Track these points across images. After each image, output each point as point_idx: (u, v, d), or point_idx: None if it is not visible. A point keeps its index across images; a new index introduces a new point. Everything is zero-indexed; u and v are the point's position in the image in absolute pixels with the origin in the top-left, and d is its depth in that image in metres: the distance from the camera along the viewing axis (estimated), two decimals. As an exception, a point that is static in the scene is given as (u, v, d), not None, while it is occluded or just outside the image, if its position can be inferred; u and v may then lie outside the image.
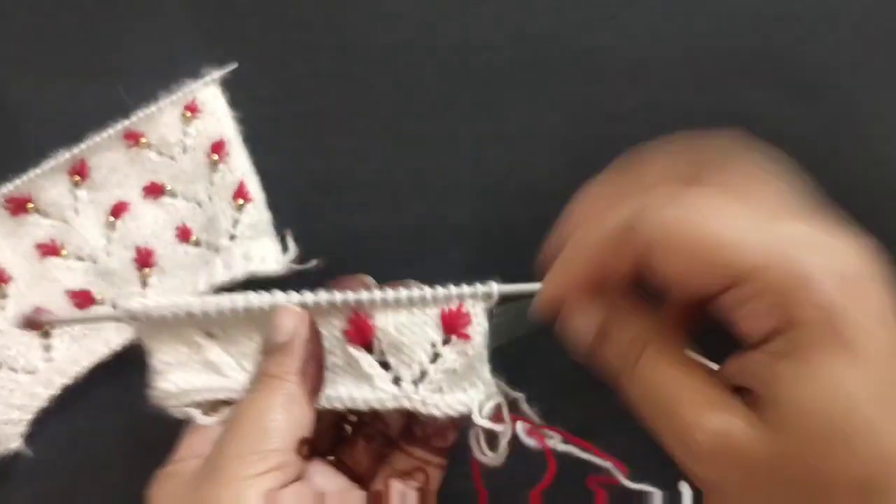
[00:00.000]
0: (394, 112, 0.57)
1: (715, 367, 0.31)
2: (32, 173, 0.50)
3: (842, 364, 0.26)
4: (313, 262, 0.50)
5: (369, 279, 0.43)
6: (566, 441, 0.35)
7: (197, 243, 0.52)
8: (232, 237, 0.51)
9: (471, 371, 0.34)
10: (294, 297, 0.36)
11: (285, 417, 0.36)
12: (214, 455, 0.36)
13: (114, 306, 0.39)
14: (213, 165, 0.52)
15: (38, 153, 0.50)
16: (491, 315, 0.35)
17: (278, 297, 0.36)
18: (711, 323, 0.30)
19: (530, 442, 0.35)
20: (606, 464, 0.35)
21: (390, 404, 0.35)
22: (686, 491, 0.33)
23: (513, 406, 0.36)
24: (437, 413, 0.34)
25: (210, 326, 0.37)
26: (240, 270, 0.50)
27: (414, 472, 0.41)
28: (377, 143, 0.56)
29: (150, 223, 0.52)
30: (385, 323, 0.35)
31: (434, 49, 0.59)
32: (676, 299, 0.31)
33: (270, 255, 0.50)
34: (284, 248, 0.51)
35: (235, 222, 0.51)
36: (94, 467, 0.48)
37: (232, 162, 0.52)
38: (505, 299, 0.35)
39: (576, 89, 0.58)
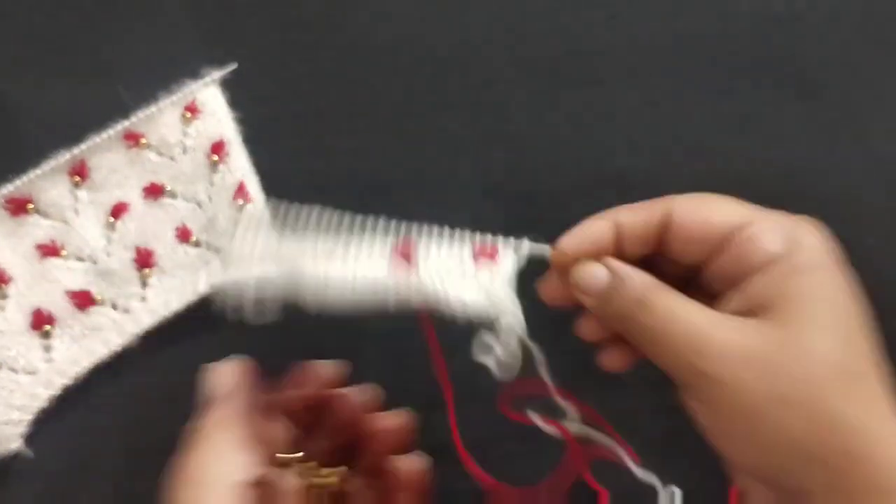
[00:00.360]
0: (394, 112, 0.57)
1: None
2: (32, 174, 0.50)
3: (839, 282, 0.34)
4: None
5: (341, 365, 0.46)
6: (585, 423, 0.38)
7: (197, 244, 0.52)
8: (232, 238, 0.51)
9: (496, 292, 0.36)
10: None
11: (225, 463, 0.39)
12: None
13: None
14: (213, 166, 0.52)
15: (37, 154, 0.50)
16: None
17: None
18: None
19: (547, 427, 0.39)
20: (617, 447, 0.39)
21: (417, 293, 0.37)
22: (677, 491, 0.38)
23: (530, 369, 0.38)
24: (454, 307, 0.36)
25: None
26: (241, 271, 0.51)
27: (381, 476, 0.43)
28: (377, 143, 0.56)
29: (151, 224, 0.52)
30: (427, 250, 0.38)
31: (434, 49, 0.59)
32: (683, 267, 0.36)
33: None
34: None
35: (236, 223, 0.51)
36: (95, 468, 0.48)
37: (232, 163, 0.52)
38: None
39: (575, 89, 0.58)
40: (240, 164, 0.52)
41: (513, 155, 0.56)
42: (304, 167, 0.55)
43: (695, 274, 0.36)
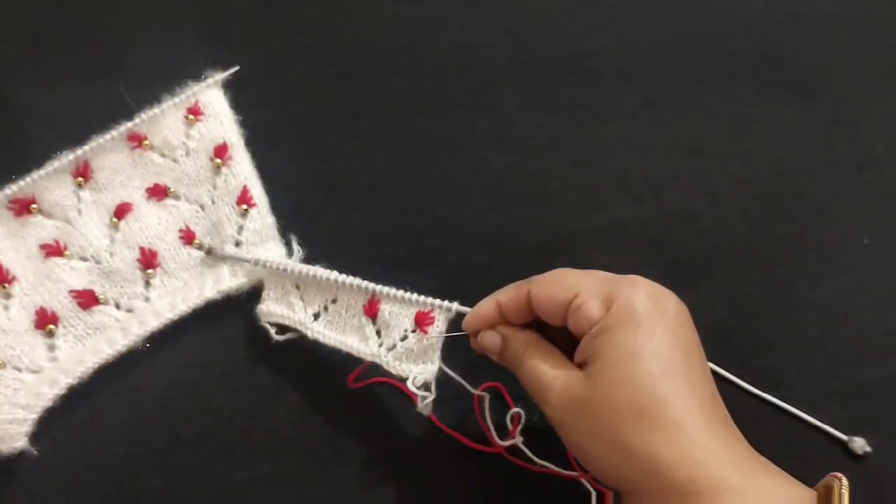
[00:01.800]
0: (394, 113, 0.57)
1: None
2: (36, 174, 0.50)
3: (633, 335, 0.40)
4: (317, 266, 0.50)
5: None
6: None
7: (200, 246, 0.52)
8: (238, 243, 0.52)
9: (424, 355, 0.48)
10: (335, 275, 0.49)
11: None
12: None
13: (255, 263, 0.51)
14: (217, 169, 0.52)
15: (41, 155, 0.51)
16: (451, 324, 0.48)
17: (339, 276, 0.49)
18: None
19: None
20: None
21: (370, 358, 0.49)
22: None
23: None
24: (392, 370, 0.48)
25: (299, 280, 0.51)
26: (246, 276, 0.51)
27: None
28: (378, 143, 0.56)
29: (154, 224, 0.52)
30: (385, 308, 0.49)
31: (434, 49, 0.59)
32: (549, 323, 0.45)
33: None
34: (290, 252, 0.52)
35: (240, 228, 0.52)
36: (98, 466, 0.49)
37: (235, 166, 0.52)
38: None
39: (575, 90, 0.58)
40: (243, 168, 0.52)
41: (513, 155, 0.57)
42: (306, 168, 0.55)
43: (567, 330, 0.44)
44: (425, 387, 0.48)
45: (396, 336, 0.49)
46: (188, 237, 0.52)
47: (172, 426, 0.49)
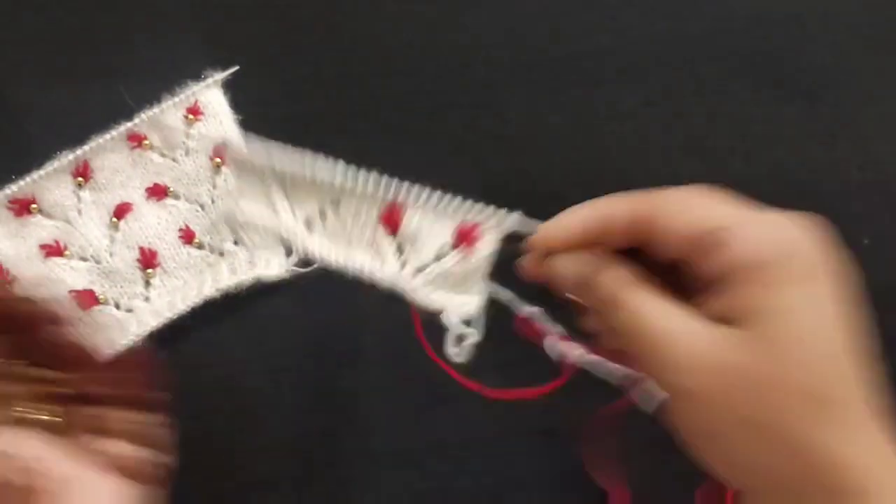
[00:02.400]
0: (394, 112, 0.57)
1: None
2: (36, 175, 0.50)
3: (817, 296, 0.31)
4: (315, 265, 0.50)
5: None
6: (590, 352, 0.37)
7: (200, 246, 0.52)
8: (236, 242, 0.52)
9: (466, 280, 0.37)
10: (349, 171, 0.40)
11: None
12: None
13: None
14: (217, 169, 0.52)
15: (41, 155, 0.51)
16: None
17: (340, 168, 0.40)
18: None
19: (553, 352, 0.37)
20: (630, 372, 0.37)
21: (388, 282, 0.38)
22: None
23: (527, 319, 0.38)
24: (421, 302, 0.37)
25: (288, 180, 0.41)
26: (245, 275, 0.51)
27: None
28: (377, 143, 0.56)
29: (154, 224, 0.52)
30: (412, 218, 0.38)
31: (434, 49, 0.59)
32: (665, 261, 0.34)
33: (275, 260, 0.51)
34: (288, 252, 0.52)
35: (238, 227, 0.52)
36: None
37: (234, 166, 0.53)
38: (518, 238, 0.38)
39: (575, 90, 0.58)
40: (243, 167, 0.53)
41: (513, 155, 0.57)
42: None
43: (679, 270, 0.34)
44: (465, 324, 0.37)
45: (428, 254, 0.38)
46: (188, 236, 0.52)
47: (172, 426, 0.49)
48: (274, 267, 0.51)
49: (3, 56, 0.56)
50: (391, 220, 0.38)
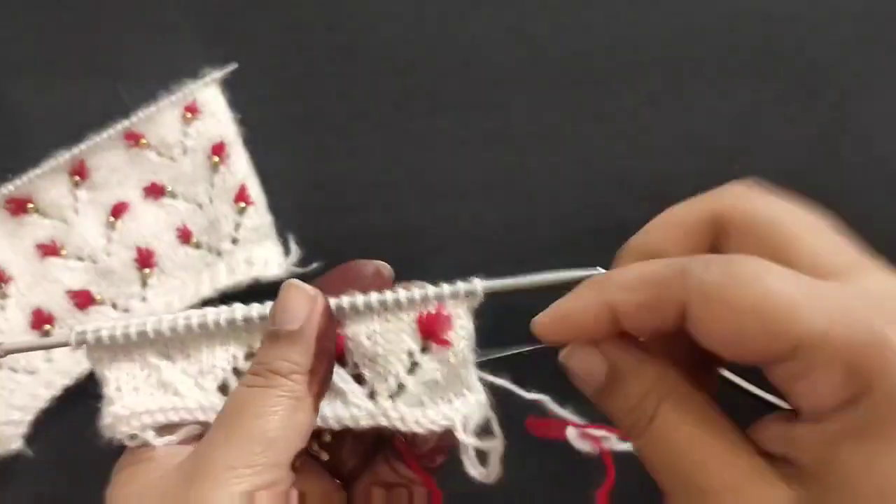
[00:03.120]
0: (394, 112, 0.57)
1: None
2: (32, 174, 0.50)
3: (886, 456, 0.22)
4: (314, 265, 0.50)
5: (386, 268, 0.39)
6: (623, 439, 0.30)
7: (198, 245, 0.52)
8: (234, 241, 0.51)
9: (455, 380, 0.30)
10: (245, 309, 0.33)
11: (286, 426, 0.31)
12: (201, 458, 0.31)
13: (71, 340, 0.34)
14: (214, 167, 0.52)
15: (38, 154, 0.50)
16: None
17: (230, 310, 0.33)
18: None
19: (583, 446, 0.31)
20: None
21: (365, 422, 0.32)
22: None
23: (533, 408, 0.33)
24: (418, 430, 0.31)
25: (166, 346, 0.34)
26: (243, 275, 0.51)
27: (397, 487, 0.38)
28: (377, 143, 0.56)
29: (151, 223, 0.52)
30: (356, 332, 0.32)
31: (434, 49, 0.59)
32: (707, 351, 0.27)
33: (273, 259, 0.51)
34: (286, 251, 0.51)
35: (237, 226, 0.51)
36: (94, 468, 0.48)
37: (233, 164, 0.52)
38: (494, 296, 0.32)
39: (576, 89, 0.58)
40: (240, 167, 0.52)
41: (513, 155, 0.56)
42: (305, 167, 0.55)
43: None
44: (479, 434, 0.31)
45: (396, 370, 0.32)
46: (185, 236, 0.52)
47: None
48: (272, 267, 0.50)
49: (0, 55, 0.56)
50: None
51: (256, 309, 0.33)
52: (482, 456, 0.31)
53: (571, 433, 0.31)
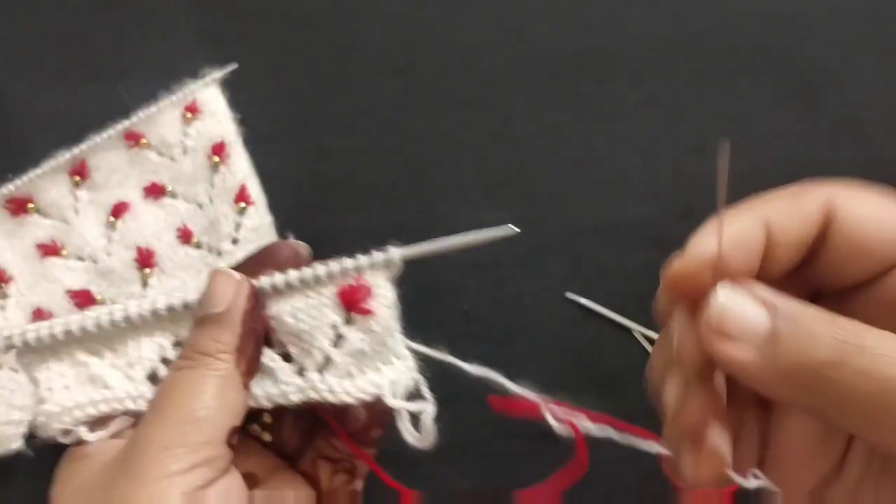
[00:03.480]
0: (394, 112, 0.57)
1: None
2: (33, 174, 0.50)
3: None
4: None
5: (304, 247, 0.39)
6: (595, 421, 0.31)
7: (198, 245, 0.52)
8: (234, 241, 0.51)
9: (382, 349, 0.31)
10: (168, 298, 0.34)
11: (218, 404, 0.32)
12: (135, 443, 0.32)
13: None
14: (214, 167, 0.52)
15: (38, 153, 0.50)
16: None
17: (152, 301, 0.34)
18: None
19: (557, 426, 0.31)
20: (649, 444, 0.32)
21: (295, 397, 0.33)
22: None
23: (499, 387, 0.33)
24: (349, 400, 0.32)
25: (93, 342, 0.35)
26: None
27: (341, 461, 0.40)
28: (377, 143, 0.56)
29: (151, 223, 0.52)
30: (280, 311, 0.33)
31: (434, 49, 0.59)
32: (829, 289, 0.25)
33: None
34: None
35: (238, 226, 0.51)
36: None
37: (233, 164, 0.52)
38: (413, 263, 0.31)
39: (576, 89, 0.58)
40: (241, 166, 0.52)
41: (513, 155, 0.56)
42: (305, 167, 0.55)
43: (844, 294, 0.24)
44: (411, 399, 0.31)
45: (322, 345, 0.32)
46: (186, 236, 0.52)
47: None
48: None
49: (0, 55, 0.56)
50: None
51: (179, 298, 0.34)
52: (416, 422, 0.32)
53: (547, 411, 0.30)
